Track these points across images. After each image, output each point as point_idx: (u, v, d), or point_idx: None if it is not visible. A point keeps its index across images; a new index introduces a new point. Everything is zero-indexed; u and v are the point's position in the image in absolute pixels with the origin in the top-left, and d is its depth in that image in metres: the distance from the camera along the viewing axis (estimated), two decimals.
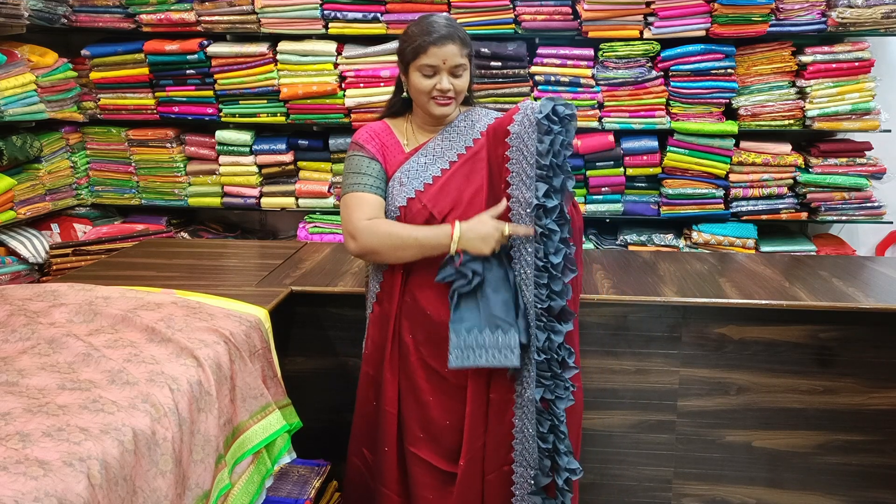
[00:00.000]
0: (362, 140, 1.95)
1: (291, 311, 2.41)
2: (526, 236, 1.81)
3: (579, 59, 3.47)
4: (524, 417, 1.87)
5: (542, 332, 1.81)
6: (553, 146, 1.75)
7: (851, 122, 3.44)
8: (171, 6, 3.57)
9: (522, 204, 1.80)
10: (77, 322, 1.86)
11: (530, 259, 1.80)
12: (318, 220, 3.72)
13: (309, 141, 3.69)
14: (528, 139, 1.78)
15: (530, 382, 1.84)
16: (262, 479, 1.89)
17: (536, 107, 1.78)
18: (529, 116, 1.78)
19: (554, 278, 1.79)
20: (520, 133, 1.80)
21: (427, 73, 1.87)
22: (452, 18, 1.96)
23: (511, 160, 1.82)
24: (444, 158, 1.93)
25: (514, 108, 1.84)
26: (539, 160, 1.76)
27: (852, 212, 3.54)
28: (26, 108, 3.30)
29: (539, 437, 1.85)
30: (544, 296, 1.79)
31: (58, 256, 3.32)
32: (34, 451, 1.27)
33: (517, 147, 1.81)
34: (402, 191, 1.90)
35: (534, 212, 1.77)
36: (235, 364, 1.84)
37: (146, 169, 3.77)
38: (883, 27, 3.33)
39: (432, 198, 1.89)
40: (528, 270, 1.81)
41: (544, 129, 1.75)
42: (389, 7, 3.49)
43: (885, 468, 2.39)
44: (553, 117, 1.75)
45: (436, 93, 1.87)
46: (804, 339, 2.32)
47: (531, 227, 1.80)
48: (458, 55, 1.86)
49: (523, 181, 1.80)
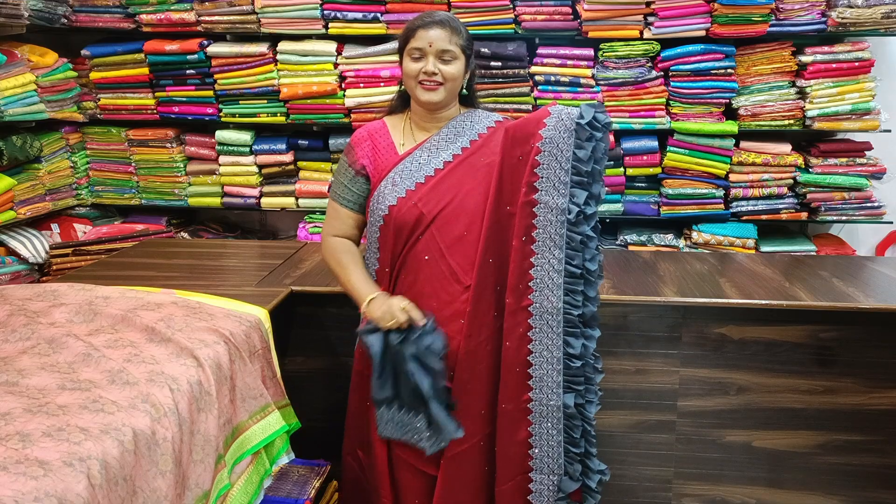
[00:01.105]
0: (354, 142, 1.99)
1: (291, 311, 2.41)
2: (420, 320, 1.80)
3: (579, 59, 3.47)
4: (546, 424, 1.84)
5: (576, 339, 1.81)
6: (595, 153, 1.75)
7: (851, 122, 3.44)
8: (171, 6, 3.57)
9: (553, 210, 1.79)
10: (77, 322, 1.86)
11: (558, 265, 1.79)
12: (318, 220, 3.71)
13: (309, 141, 3.69)
14: (562, 144, 1.77)
15: (555, 389, 1.82)
16: (261, 479, 1.89)
17: (575, 112, 1.77)
18: (566, 122, 1.77)
19: (590, 284, 1.80)
20: (553, 138, 1.78)
21: (415, 57, 1.87)
22: (453, 15, 1.96)
23: (541, 164, 1.80)
24: (438, 158, 1.92)
25: (542, 110, 1.83)
26: (580, 166, 1.76)
27: (852, 212, 3.54)
28: (26, 108, 3.29)
29: (569, 443, 1.84)
30: (579, 302, 1.79)
31: (58, 256, 3.32)
32: (34, 451, 1.27)
33: (549, 151, 1.79)
34: (394, 190, 1.90)
35: (565, 217, 1.76)
36: (235, 364, 1.84)
37: (146, 169, 3.77)
38: (883, 27, 3.33)
39: (423, 196, 1.88)
40: (556, 276, 1.79)
41: (586, 135, 1.74)
42: (389, 7, 3.49)
43: (885, 468, 2.39)
44: (596, 124, 1.75)
45: (422, 76, 1.86)
46: (804, 339, 2.32)
47: (422, 318, 1.79)
48: (445, 40, 1.85)
49: (555, 187, 1.79)
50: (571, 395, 1.82)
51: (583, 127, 1.75)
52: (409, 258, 1.89)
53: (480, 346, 1.86)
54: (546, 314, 1.81)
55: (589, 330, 1.83)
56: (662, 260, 2.77)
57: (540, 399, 1.84)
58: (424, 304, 1.87)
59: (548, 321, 1.81)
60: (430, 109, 1.94)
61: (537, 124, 1.81)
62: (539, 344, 1.83)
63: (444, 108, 1.94)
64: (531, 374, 1.84)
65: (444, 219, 1.87)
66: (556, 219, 1.79)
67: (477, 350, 1.86)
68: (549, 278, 1.80)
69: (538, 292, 1.81)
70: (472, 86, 1.99)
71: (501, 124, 1.95)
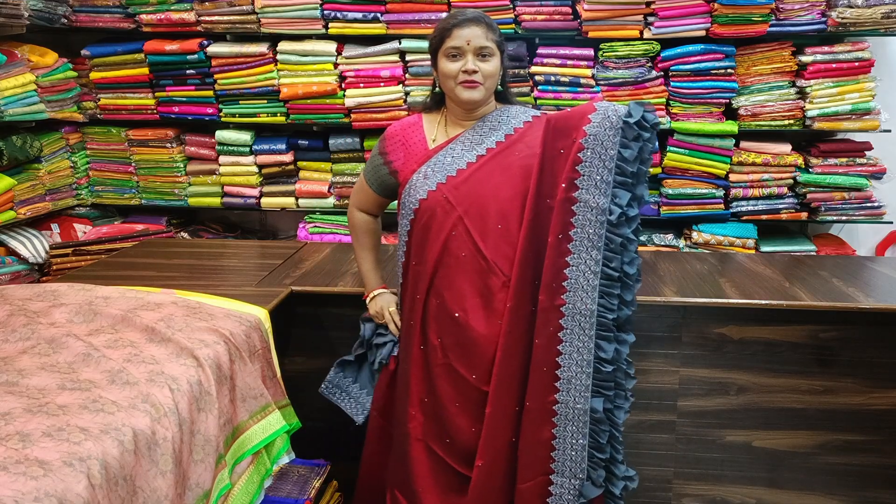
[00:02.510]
0: (387, 135, 2.03)
1: (291, 311, 2.40)
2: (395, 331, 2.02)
3: (579, 59, 3.47)
4: (570, 427, 1.81)
5: (609, 343, 1.76)
6: (642, 153, 1.71)
7: (851, 122, 3.44)
8: (171, 6, 3.57)
9: (593, 209, 1.74)
10: (77, 322, 1.86)
11: (595, 267, 1.75)
12: (318, 220, 3.72)
13: (309, 141, 3.69)
14: (607, 143, 1.72)
15: (583, 392, 1.78)
16: (262, 479, 1.89)
17: (622, 110, 1.72)
18: (612, 119, 1.73)
19: (627, 288, 1.76)
20: (598, 135, 1.73)
21: (452, 55, 1.86)
22: (482, 11, 1.97)
23: (583, 162, 1.75)
24: (472, 152, 1.90)
25: (587, 105, 1.79)
26: (625, 167, 1.71)
27: (852, 212, 3.54)
28: (26, 108, 3.29)
29: (595, 448, 1.81)
30: (615, 305, 1.75)
31: (58, 256, 3.32)
32: (34, 451, 1.27)
33: (593, 149, 1.73)
34: (425, 184, 1.89)
35: (605, 217, 1.72)
36: (235, 364, 1.84)
37: (146, 169, 3.77)
38: (883, 27, 3.33)
39: (453, 189, 1.87)
40: (592, 278, 1.75)
41: (633, 135, 1.70)
42: (389, 7, 3.49)
43: (885, 468, 2.38)
44: (644, 123, 1.70)
45: (462, 76, 1.85)
46: (804, 339, 2.32)
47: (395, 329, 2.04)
48: (482, 37, 1.84)
49: (597, 185, 1.73)
50: (600, 400, 1.78)
51: (630, 126, 1.70)
52: (445, 256, 1.87)
53: (517, 341, 1.83)
54: (579, 315, 1.77)
55: (623, 334, 1.79)
56: (662, 260, 2.77)
57: (566, 401, 1.80)
58: (465, 301, 1.84)
59: (580, 322, 1.77)
60: (470, 108, 1.92)
61: (581, 119, 1.76)
62: (569, 345, 1.79)
63: (482, 105, 1.93)
64: (559, 376, 1.80)
65: (477, 212, 1.84)
66: (595, 218, 1.73)
67: (513, 346, 1.83)
68: (585, 279, 1.76)
69: (572, 292, 1.77)
70: (505, 81, 1.97)
71: (539, 118, 1.93)
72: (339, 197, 3.72)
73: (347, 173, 3.69)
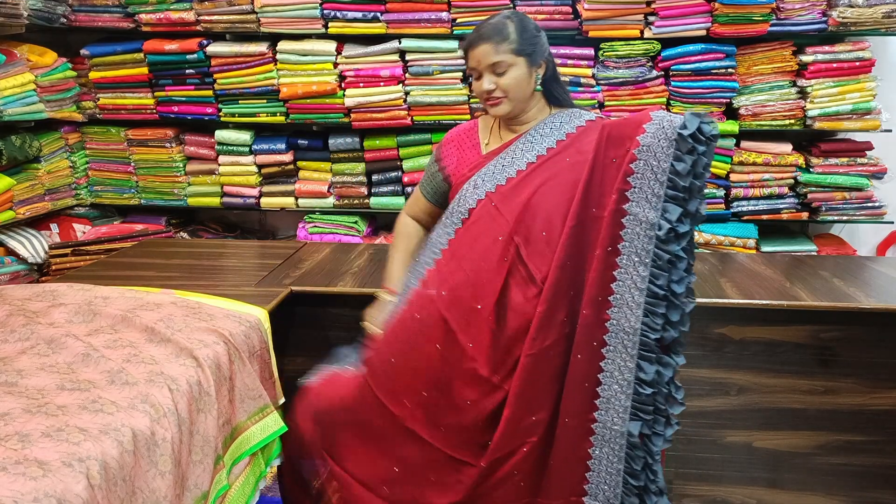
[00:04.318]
0: (445, 141, 2.04)
1: (291, 311, 2.40)
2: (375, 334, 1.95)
3: (579, 59, 3.47)
4: (606, 448, 1.74)
5: (650, 364, 1.68)
6: (696, 167, 1.62)
7: (852, 122, 3.44)
8: (170, 6, 3.57)
9: (643, 224, 1.66)
10: (76, 322, 1.86)
11: (641, 283, 1.67)
12: (317, 220, 3.72)
13: (309, 141, 3.69)
14: (661, 154, 1.64)
15: (621, 413, 1.71)
16: (257, 480, 1.88)
17: (677, 121, 1.64)
18: (667, 130, 1.64)
19: (673, 308, 1.67)
20: (652, 146, 1.65)
21: (475, 77, 1.86)
22: (509, 14, 1.87)
23: (635, 173, 1.67)
24: (522, 160, 1.88)
25: (641, 114, 1.70)
26: (677, 180, 1.62)
27: (853, 212, 3.54)
28: (25, 107, 3.29)
29: (629, 474, 1.73)
30: (659, 325, 1.66)
31: (57, 256, 3.31)
32: (33, 451, 1.27)
33: (645, 161, 1.65)
34: (475, 193, 1.88)
35: (654, 233, 1.65)
36: (235, 364, 1.84)
37: (145, 169, 3.77)
38: (884, 27, 3.33)
39: (502, 198, 1.84)
40: (637, 295, 1.68)
41: (687, 147, 1.61)
42: (389, 7, 3.49)
43: (886, 468, 2.38)
44: (700, 136, 1.61)
45: (483, 95, 1.85)
46: (805, 339, 2.32)
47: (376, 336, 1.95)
48: (490, 53, 1.81)
49: (647, 199, 1.66)
50: (637, 424, 1.70)
51: (684, 138, 1.61)
52: (483, 261, 1.83)
53: (545, 350, 1.76)
54: (622, 333, 1.70)
55: (667, 357, 1.69)
56: None
57: (605, 421, 1.73)
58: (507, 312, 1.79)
59: (623, 340, 1.70)
60: (507, 120, 1.93)
61: (636, 128, 1.69)
62: (611, 363, 1.72)
63: (521, 114, 1.90)
64: (599, 394, 1.73)
65: (523, 220, 1.81)
66: (644, 233, 1.66)
67: (541, 355, 1.76)
68: (630, 295, 1.68)
69: (617, 308, 1.70)
70: (553, 80, 1.92)
71: (594, 122, 1.89)
72: (338, 197, 3.72)
73: (347, 173, 3.69)
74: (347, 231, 3.69)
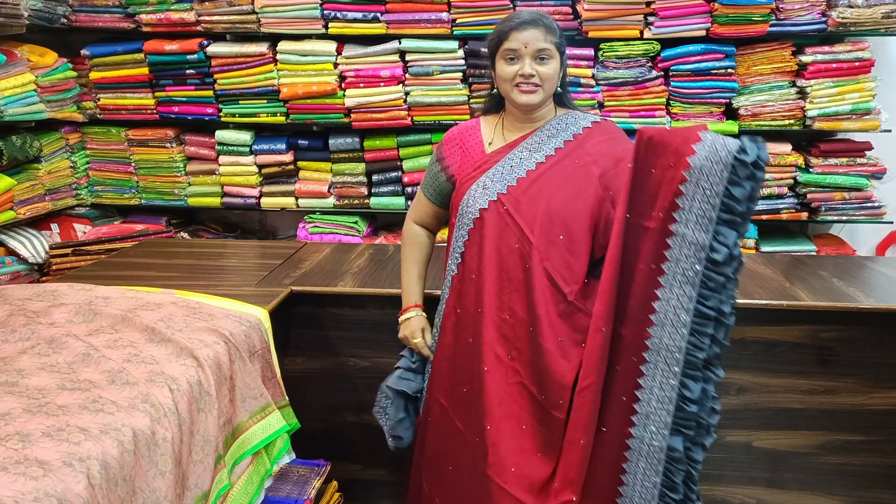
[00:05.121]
0: (445, 140, 2.03)
1: (291, 311, 2.40)
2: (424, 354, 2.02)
3: (579, 59, 3.47)
4: (642, 463, 1.71)
5: (695, 382, 1.64)
6: (754, 193, 1.58)
7: (852, 122, 3.44)
8: (170, 6, 3.57)
9: (691, 245, 1.60)
10: (77, 322, 1.86)
11: (688, 304, 1.62)
12: (317, 220, 3.72)
13: (309, 141, 3.69)
14: (714, 178, 1.57)
15: (661, 429, 1.67)
16: (261, 479, 1.88)
17: (733, 145, 1.57)
18: (721, 154, 1.57)
19: (721, 327, 1.64)
20: (704, 169, 1.58)
21: (509, 59, 1.83)
22: (542, 11, 1.89)
23: (684, 195, 1.60)
24: (531, 160, 1.88)
25: (689, 132, 1.62)
26: (734, 205, 1.57)
27: (852, 212, 3.54)
28: (26, 108, 3.29)
29: (668, 487, 1.69)
30: (706, 344, 1.63)
31: (57, 256, 3.31)
32: (34, 451, 1.27)
33: (696, 183, 1.58)
34: (485, 194, 1.87)
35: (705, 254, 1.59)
36: (235, 364, 1.84)
37: (146, 169, 3.77)
38: (883, 27, 3.33)
39: (513, 200, 1.84)
40: (682, 314, 1.63)
41: (746, 173, 1.56)
42: (389, 7, 3.49)
43: (886, 468, 2.38)
44: (760, 163, 1.57)
45: (518, 79, 1.83)
46: (804, 339, 2.32)
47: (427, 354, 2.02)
48: (541, 39, 1.81)
49: (697, 221, 1.59)
50: (680, 439, 1.67)
51: (745, 164, 1.56)
52: (503, 269, 1.84)
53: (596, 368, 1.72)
54: (665, 351, 1.65)
55: (710, 372, 1.66)
56: None
57: (642, 437, 1.69)
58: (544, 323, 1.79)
59: (665, 358, 1.65)
60: (527, 111, 1.90)
61: (683, 146, 1.60)
62: (650, 380, 1.68)
63: (540, 108, 1.90)
64: (636, 410, 1.70)
65: (537, 222, 1.81)
66: (692, 254, 1.60)
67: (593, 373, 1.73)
68: (675, 315, 1.64)
69: (659, 327, 1.65)
70: (565, 84, 1.95)
71: (599, 125, 1.92)
72: (338, 197, 3.72)
73: (347, 173, 3.69)
74: (347, 231, 3.69)
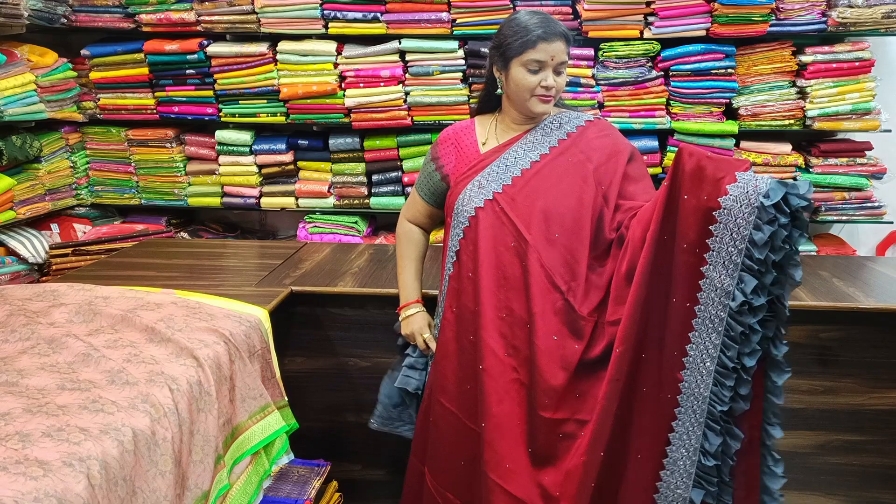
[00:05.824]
0: (440, 140, 2.04)
1: (291, 311, 2.40)
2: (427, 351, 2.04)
3: (579, 59, 3.47)
4: None
5: (716, 435, 1.60)
6: (774, 240, 1.48)
7: (852, 122, 3.44)
8: (170, 6, 3.57)
9: (718, 290, 1.55)
10: (77, 322, 1.86)
11: (713, 351, 1.58)
12: (318, 220, 3.72)
13: (309, 141, 3.69)
14: (741, 221, 1.51)
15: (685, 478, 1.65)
16: (260, 480, 1.89)
17: (762, 187, 1.48)
18: (750, 196, 1.49)
19: (743, 383, 1.58)
20: (733, 211, 1.51)
21: (533, 69, 1.83)
22: (551, 16, 1.90)
23: (714, 236, 1.55)
24: (526, 158, 1.89)
25: (727, 167, 1.54)
26: (752, 251, 1.50)
27: (853, 212, 3.54)
28: (26, 108, 3.29)
29: None
30: (727, 398, 1.58)
31: (57, 256, 3.31)
32: (34, 451, 1.27)
33: (725, 224, 1.53)
34: (480, 193, 1.88)
35: (728, 301, 1.54)
36: (235, 364, 1.84)
37: (146, 169, 3.77)
38: (883, 27, 3.33)
39: (509, 199, 1.85)
40: (708, 362, 1.59)
41: (767, 217, 1.48)
42: (389, 7, 3.49)
43: (886, 468, 2.38)
44: (783, 207, 1.47)
45: (540, 90, 1.83)
46: (804, 339, 2.32)
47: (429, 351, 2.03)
48: (564, 52, 1.83)
49: (724, 265, 1.54)
50: (700, 493, 1.63)
51: (765, 208, 1.48)
52: (500, 267, 1.84)
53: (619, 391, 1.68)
54: (692, 398, 1.62)
55: (736, 429, 1.61)
56: None
57: (668, 482, 1.66)
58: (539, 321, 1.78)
59: (692, 405, 1.62)
60: (534, 117, 1.92)
61: (717, 183, 1.53)
62: (680, 425, 1.64)
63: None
64: (667, 453, 1.67)
65: (533, 220, 1.81)
66: (718, 300, 1.55)
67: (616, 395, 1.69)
68: (702, 361, 1.59)
69: (689, 371, 1.62)
70: None
71: (593, 123, 1.94)
72: (338, 197, 3.72)
73: (347, 173, 3.69)
74: (347, 231, 3.69)
